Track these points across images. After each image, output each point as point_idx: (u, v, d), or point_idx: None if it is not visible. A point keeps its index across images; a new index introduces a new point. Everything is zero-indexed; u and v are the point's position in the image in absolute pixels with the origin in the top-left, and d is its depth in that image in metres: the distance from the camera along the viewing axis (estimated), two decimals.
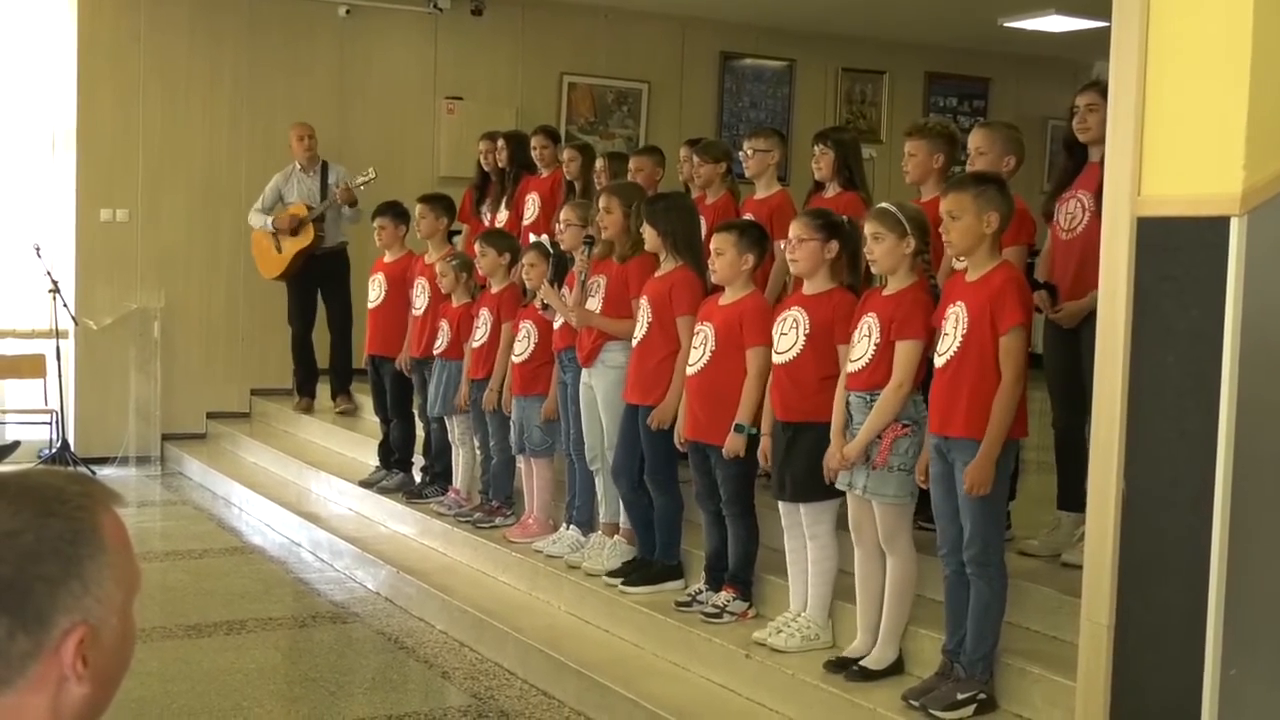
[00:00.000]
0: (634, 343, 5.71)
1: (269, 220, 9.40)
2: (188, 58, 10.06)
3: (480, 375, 6.93)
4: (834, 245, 4.88)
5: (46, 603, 1.38)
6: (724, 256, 5.24)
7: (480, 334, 6.97)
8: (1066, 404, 5.10)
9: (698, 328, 5.36)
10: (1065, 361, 5.03)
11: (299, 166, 9.50)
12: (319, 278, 9.46)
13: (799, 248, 4.89)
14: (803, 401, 4.87)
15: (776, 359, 4.98)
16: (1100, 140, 4.86)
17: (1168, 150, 3.50)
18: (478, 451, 7.16)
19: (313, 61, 10.43)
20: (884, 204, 4.68)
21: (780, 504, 5.04)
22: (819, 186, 6.15)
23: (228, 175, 10.18)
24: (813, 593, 4.97)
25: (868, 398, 4.59)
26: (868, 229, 4.60)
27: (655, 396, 5.60)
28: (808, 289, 4.96)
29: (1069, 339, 5.00)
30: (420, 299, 7.53)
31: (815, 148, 6.09)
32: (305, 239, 9.33)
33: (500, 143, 8.54)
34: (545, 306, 6.36)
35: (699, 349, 5.31)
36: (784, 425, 4.95)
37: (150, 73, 9.97)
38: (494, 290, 6.99)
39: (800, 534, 4.99)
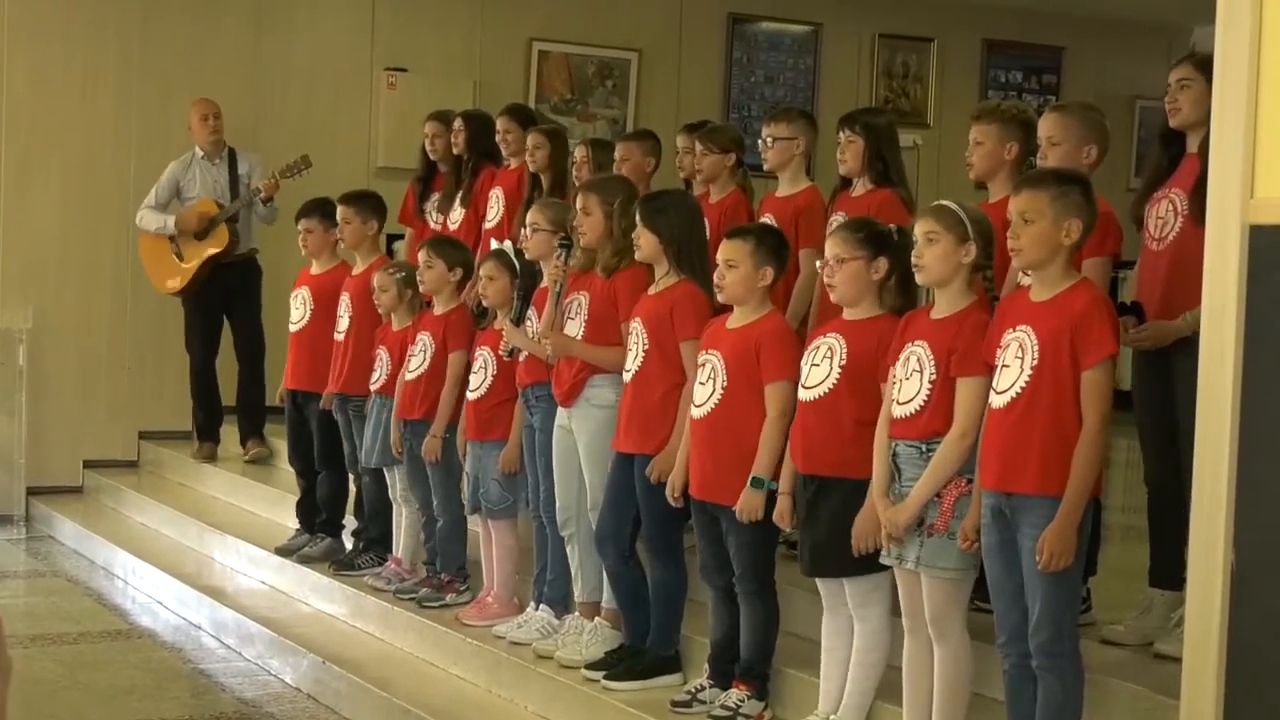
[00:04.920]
0: (627, 376, 5.70)
1: (170, 220, 9.41)
2: (64, 15, 10.07)
3: (415, 415, 6.91)
4: (882, 263, 4.89)
5: None
6: (737, 269, 5.24)
7: (417, 363, 6.92)
8: (1161, 454, 5.12)
9: (702, 358, 5.35)
10: (1159, 401, 5.04)
11: (200, 153, 9.55)
12: (226, 293, 9.50)
13: (839, 270, 4.89)
14: (830, 450, 4.88)
15: (803, 395, 4.96)
16: (1194, 124, 4.91)
17: None
18: (420, 512, 7.16)
19: (222, 24, 10.44)
20: (944, 201, 4.68)
21: (819, 579, 5.04)
22: (845, 183, 6.18)
23: (113, 166, 10.18)
24: (851, 689, 4.96)
25: (923, 448, 4.59)
26: (920, 229, 4.59)
27: (656, 442, 5.58)
28: (849, 313, 4.97)
29: (1163, 373, 5.02)
30: (344, 320, 7.54)
31: (841, 134, 6.10)
32: (218, 243, 9.34)
33: (458, 123, 8.53)
34: (512, 353, 6.30)
35: (706, 385, 5.30)
36: (806, 479, 4.96)
37: (15, 33, 9.97)
38: (438, 311, 6.99)
39: (844, 615, 4.98)
